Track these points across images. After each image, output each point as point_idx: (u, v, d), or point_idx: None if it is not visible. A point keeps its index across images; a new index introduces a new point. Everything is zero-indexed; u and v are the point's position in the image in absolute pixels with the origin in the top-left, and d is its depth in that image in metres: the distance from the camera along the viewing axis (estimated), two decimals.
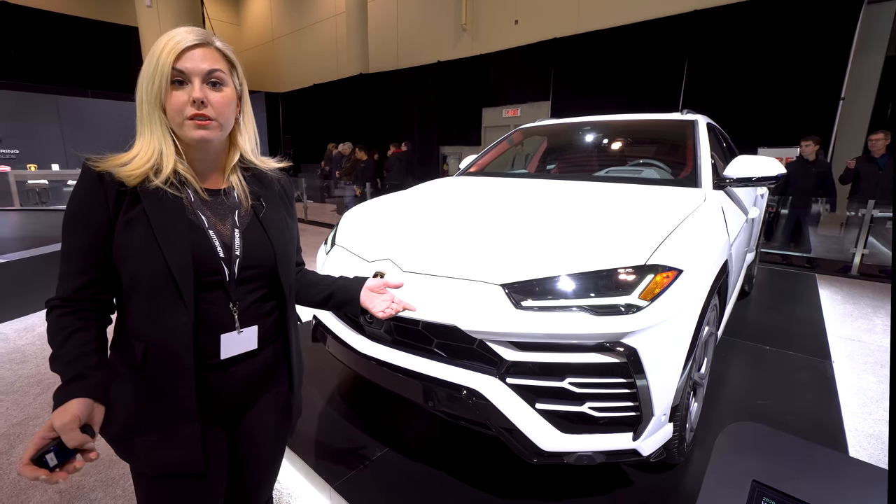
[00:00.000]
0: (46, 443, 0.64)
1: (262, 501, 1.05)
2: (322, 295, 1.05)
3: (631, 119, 2.98)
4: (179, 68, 0.77)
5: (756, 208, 3.05)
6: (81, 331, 0.76)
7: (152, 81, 0.76)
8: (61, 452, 0.64)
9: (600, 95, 8.55)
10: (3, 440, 1.98)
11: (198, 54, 0.78)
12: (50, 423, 0.65)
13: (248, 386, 0.91)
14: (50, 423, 0.65)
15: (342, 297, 1.04)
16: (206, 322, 0.81)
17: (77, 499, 1.64)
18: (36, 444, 0.63)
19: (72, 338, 0.75)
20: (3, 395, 2.36)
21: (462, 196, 2.25)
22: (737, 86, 7.04)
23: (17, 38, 12.60)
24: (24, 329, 3.26)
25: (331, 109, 14.07)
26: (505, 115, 10.40)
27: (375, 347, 1.57)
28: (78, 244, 0.76)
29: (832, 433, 1.99)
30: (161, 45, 0.77)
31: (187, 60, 0.77)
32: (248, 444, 0.96)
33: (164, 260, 0.76)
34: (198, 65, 0.78)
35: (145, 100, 0.77)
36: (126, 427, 0.80)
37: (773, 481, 0.85)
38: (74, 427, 0.66)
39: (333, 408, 2.14)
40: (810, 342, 2.99)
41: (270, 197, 0.94)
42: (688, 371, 1.40)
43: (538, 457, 1.30)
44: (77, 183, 0.78)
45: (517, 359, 1.31)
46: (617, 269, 1.34)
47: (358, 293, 1.03)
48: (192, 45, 0.78)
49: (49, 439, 0.64)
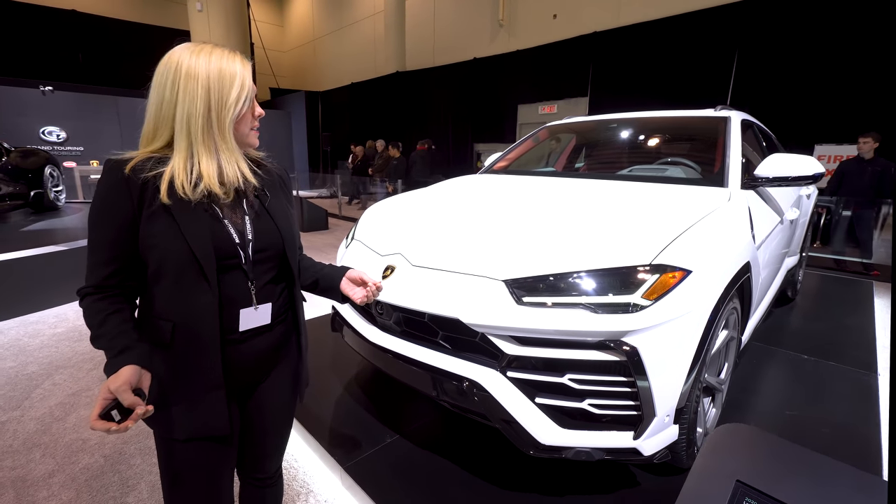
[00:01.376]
0: (107, 403, 0.75)
1: (272, 470, 1.14)
2: (310, 280, 1.12)
3: (660, 116, 2.90)
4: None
5: (796, 209, 2.89)
6: (116, 313, 0.86)
7: (243, 102, 0.88)
8: (122, 409, 0.75)
9: (641, 92, 8.25)
10: (60, 408, 2.21)
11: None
12: (106, 387, 0.75)
13: (262, 359, 1.00)
14: (106, 386, 0.76)
15: (326, 284, 1.11)
16: (228, 299, 0.90)
17: (119, 463, 1.81)
18: (100, 404, 0.74)
19: (109, 319, 0.84)
20: (62, 368, 2.62)
21: (478, 194, 2.28)
22: (791, 80, 6.60)
23: (83, 43, 13.69)
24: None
25: (367, 108, 14.38)
26: (541, 112, 10.25)
27: (386, 338, 1.64)
28: (104, 237, 0.85)
29: (865, 449, 1.87)
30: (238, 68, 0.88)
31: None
32: (260, 415, 1.04)
33: (189, 248, 0.84)
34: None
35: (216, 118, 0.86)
36: (157, 398, 0.89)
37: (757, 482, 0.84)
38: (127, 389, 0.76)
39: (349, 396, 2.23)
40: (855, 353, 2.80)
41: (272, 187, 1.02)
42: (696, 373, 1.37)
43: (535, 449, 1.32)
44: (101, 179, 0.85)
45: (518, 353, 1.34)
46: (620, 267, 1.34)
47: (339, 282, 1.10)
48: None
49: (109, 400, 0.75)
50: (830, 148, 6.69)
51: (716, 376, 1.75)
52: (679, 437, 1.40)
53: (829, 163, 6.77)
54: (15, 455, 1.85)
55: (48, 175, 5.57)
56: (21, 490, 1.66)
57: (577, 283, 1.33)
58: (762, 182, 2.13)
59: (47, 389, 2.38)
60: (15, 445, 1.91)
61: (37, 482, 1.70)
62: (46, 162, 5.58)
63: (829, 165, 6.76)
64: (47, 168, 5.55)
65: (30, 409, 2.19)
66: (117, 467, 1.79)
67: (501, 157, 3.18)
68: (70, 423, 2.08)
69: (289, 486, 1.68)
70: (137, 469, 1.78)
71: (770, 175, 2.11)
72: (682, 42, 7.70)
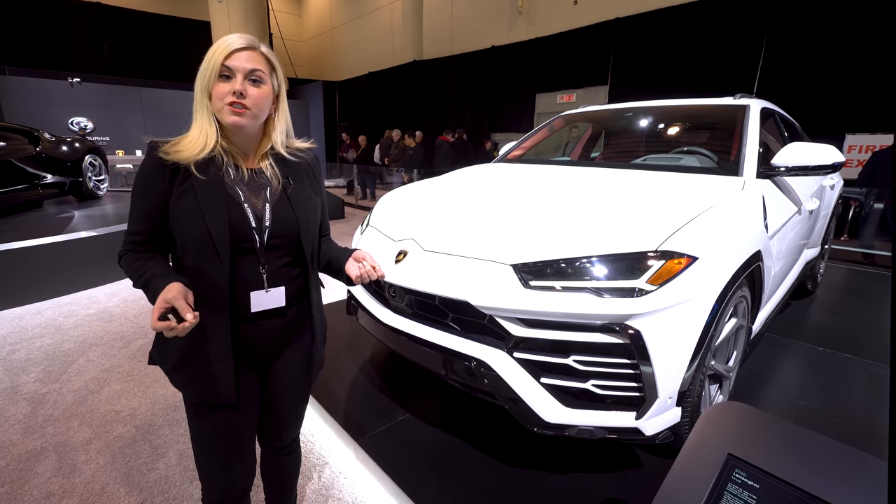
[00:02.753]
0: (163, 309, 0.82)
1: (289, 439, 1.23)
2: (325, 262, 1.18)
3: (678, 105, 2.86)
4: (227, 65, 0.93)
5: (816, 200, 2.84)
6: (154, 259, 0.95)
7: (205, 74, 0.93)
8: (176, 315, 0.83)
9: (664, 80, 8.07)
10: (95, 382, 2.35)
11: (244, 56, 0.94)
12: (162, 297, 0.82)
13: (275, 338, 1.07)
14: (162, 296, 0.82)
15: (336, 265, 1.16)
16: (241, 280, 0.97)
17: (149, 433, 1.94)
18: (157, 311, 0.82)
19: (149, 262, 0.94)
20: (95, 346, 2.78)
21: (490, 182, 2.31)
22: (822, 67, 6.37)
23: (108, 35, 14.03)
24: (111, 293, 3.76)
25: (385, 97, 14.39)
26: (559, 101, 10.12)
27: (398, 320, 1.71)
28: (142, 209, 0.95)
29: (875, 439, 1.87)
30: (216, 46, 0.94)
31: (234, 60, 0.93)
32: (276, 388, 1.12)
33: (206, 226, 0.92)
34: (242, 64, 0.94)
35: (198, 89, 0.95)
36: (179, 361, 0.98)
37: (748, 456, 0.88)
38: (180, 297, 0.83)
39: (363, 376, 2.32)
40: (874, 346, 2.75)
41: (298, 176, 1.08)
42: (700, 358, 1.40)
43: (540, 427, 1.37)
44: (144, 159, 0.97)
45: (524, 335, 1.38)
46: (627, 253, 1.36)
47: (345, 262, 1.14)
48: (240, 48, 0.94)
49: (164, 307, 0.83)
50: (863, 138, 6.44)
51: (724, 364, 1.77)
52: (682, 420, 1.43)
53: (861, 153, 6.50)
54: (56, 423, 2.00)
55: (88, 164, 5.68)
56: (62, 454, 1.80)
57: (582, 268, 1.37)
58: (779, 171, 2.11)
59: (82, 365, 2.53)
60: (55, 414, 2.06)
61: (76, 448, 1.84)
62: (88, 151, 5.68)
63: (861, 156, 6.50)
64: (88, 157, 5.66)
65: (67, 382, 2.35)
66: (148, 437, 1.91)
67: (516, 147, 3.19)
68: (104, 395, 2.23)
69: (306, 459, 1.77)
70: (166, 439, 1.90)
71: (787, 164, 2.08)
72: (709, 28, 7.48)
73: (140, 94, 11.51)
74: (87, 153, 5.69)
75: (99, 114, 10.49)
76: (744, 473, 0.85)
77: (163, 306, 0.82)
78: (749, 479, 0.85)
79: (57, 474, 1.69)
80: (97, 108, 10.70)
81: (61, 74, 10.73)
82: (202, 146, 0.94)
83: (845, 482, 0.79)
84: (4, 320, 3.14)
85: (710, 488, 0.86)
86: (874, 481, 0.79)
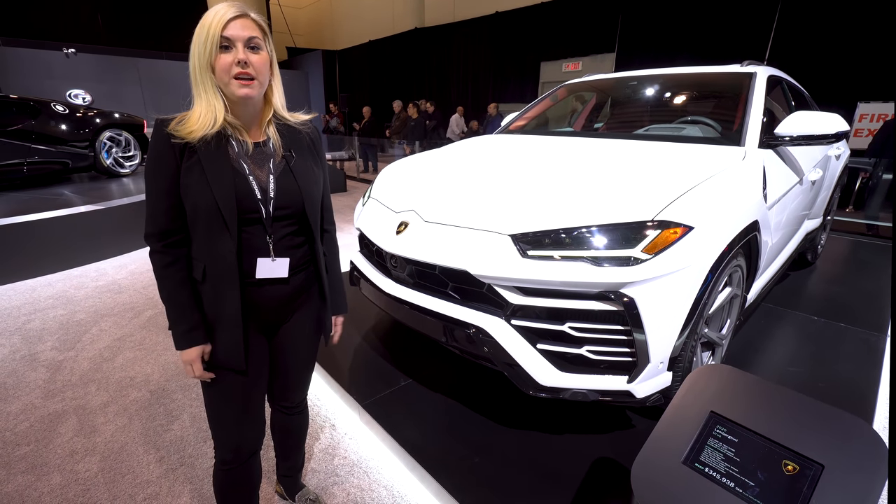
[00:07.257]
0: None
1: (297, 400, 1.30)
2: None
3: (683, 73, 2.81)
4: (226, 35, 0.92)
5: (819, 171, 2.82)
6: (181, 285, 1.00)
7: (204, 48, 0.92)
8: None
9: (672, 47, 7.82)
10: (108, 350, 2.44)
11: (239, 24, 0.93)
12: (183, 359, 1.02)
13: (282, 304, 1.11)
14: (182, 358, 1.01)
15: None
16: (248, 248, 1.01)
17: (163, 397, 2.03)
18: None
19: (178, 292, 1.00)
20: (106, 316, 2.86)
21: (491, 154, 2.31)
22: (836, 33, 6.15)
23: (101, 4, 13.63)
24: (120, 266, 3.83)
25: (386, 66, 14.05)
26: (565, 70, 9.87)
27: (400, 289, 1.75)
28: (159, 187, 0.96)
29: (862, 404, 1.93)
30: (209, 18, 0.92)
31: (231, 29, 0.92)
32: (283, 351, 1.18)
33: (214, 198, 0.94)
34: (240, 32, 0.93)
35: (198, 64, 0.93)
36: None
37: (730, 413, 0.93)
38: (197, 362, 1.02)
39: (366, 344, 2.39)
40: (867, 315, 2.80)
41: (300, 147, 1.09)
42: (692, 325, 1.44)
43: (535, 390, 1.43)
44: (152, 138, 0.98)
45: (522, 303, 1.43)
46: (624, 223, 1.39)
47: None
48: (234, 16, 0.93)
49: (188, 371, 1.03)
50: (876, 106, 6.27)
51: (717, 331, 1.82)
52: (672, 383, 1.49)
53: (873, 122, 6.34)
54: (74, 388, 2.09)
55: (107, 139, 5.45)
56: (82, 416, 1.89)
57: (579, 238, 1.40)
58: (781, 141, 2.09)
59: (95, 335, 2.62)
60: (73, 380, 2.15)
61: (94, 410, 1.93)
62: (104, 125, 5.40)
63: (872, 125, 6.34)
64: (107, 132, 5.42)
65: (82, 350, 2.44)
66: (162, 400, 2.00)
67: (518, 117, 3.16)
68: (118, 363, 2.31)
69: (313, 421, 1.86)
70: (179, 403, 1.99)
71: (790, 134, 2.06)
72: None
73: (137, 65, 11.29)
74: (105, 128, 5.41)
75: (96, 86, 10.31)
76: (724, 429, 0.91)
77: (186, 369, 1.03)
78: (729, 433, 0.90)
79: (78, 434, 1.78)
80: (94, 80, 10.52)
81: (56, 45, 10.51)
82: (211, 122, 0.94)
83: (819, 435, 0.84)
84: (17, 291, 3.22)
85: (692, 442, 0.92)
86: (847, 435, 0.84)
